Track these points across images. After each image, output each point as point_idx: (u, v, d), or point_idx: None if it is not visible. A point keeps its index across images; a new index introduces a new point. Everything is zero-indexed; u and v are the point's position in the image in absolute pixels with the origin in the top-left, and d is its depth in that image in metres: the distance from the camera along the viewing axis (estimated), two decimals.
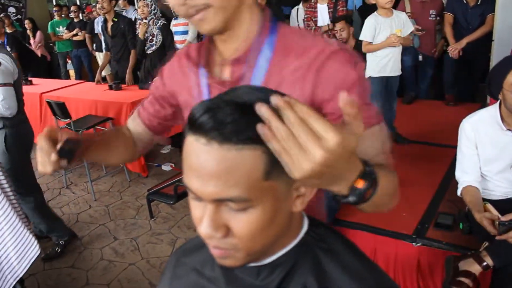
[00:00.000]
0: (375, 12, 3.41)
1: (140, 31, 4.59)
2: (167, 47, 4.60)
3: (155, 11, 4.57)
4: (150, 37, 4.58)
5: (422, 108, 4.61)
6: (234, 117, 0.56)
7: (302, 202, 0.66)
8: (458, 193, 2.11)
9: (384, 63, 3.39)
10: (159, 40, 4.57)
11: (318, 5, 4.83)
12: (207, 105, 0.59)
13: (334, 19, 4.44)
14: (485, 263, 1.79)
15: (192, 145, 0.59)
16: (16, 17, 8.87)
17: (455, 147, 2.20)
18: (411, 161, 3.15)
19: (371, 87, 0.86)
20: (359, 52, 4.21)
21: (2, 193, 2.07)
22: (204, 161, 0.57)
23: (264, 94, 0.60)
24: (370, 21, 3.39)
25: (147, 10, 4.50)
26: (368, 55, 3.47)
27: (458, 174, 2.14)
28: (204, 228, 0.60)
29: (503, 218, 1.79)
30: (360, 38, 3.47)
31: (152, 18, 4.52)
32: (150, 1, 4.57)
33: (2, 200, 2.06)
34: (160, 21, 4.58)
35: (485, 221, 1.83)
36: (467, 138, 2.08)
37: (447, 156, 3.01)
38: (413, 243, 2.20)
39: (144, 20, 4.53)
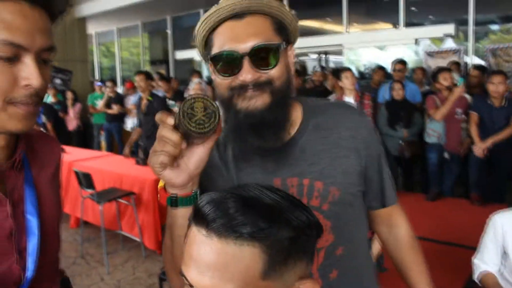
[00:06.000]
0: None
1: None
2: None
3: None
4: None
5: (446, 205, 4.51)
6: (237, 211, 0.56)
7: None
8: (475, 277, 2.06)
9: None
10: None
11: (345, 97, 4.96)
12: (212, 197, 0.59)
13: None
14: None
15: (194, 235, 0.59)
16: (61, 88, 9.42)
17: None
18: (432, 260, 3.03)
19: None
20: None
21: None
22: (203, 252, 0.57)
23: (272, 192, 0.61)
24: None
25: None
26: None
27: (477, 261, 2.09)
28: None
29: None
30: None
31: None
32: (205, 86, 4.81)
33: None
34: None
35: None
36: (495, 234, 1.99)
37: (470, 259, 2.88)
38: None
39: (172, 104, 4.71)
